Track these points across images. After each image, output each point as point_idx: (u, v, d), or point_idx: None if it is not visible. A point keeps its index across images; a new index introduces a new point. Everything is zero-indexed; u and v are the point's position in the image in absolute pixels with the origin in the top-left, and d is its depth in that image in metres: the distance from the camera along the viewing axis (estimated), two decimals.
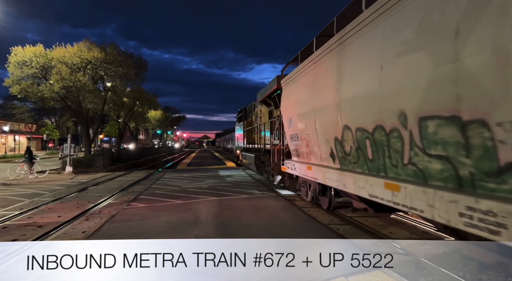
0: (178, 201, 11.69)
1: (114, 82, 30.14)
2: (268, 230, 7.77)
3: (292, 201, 11.72)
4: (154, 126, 62.92)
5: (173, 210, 10.20)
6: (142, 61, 35.14)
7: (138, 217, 9.19)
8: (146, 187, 15.73)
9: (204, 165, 32.81)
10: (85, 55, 26.05)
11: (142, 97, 39.65)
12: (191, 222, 8.61)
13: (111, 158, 29.28)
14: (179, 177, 19.72)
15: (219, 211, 9.91)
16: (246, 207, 10.67)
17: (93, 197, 12.97)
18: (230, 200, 11.81)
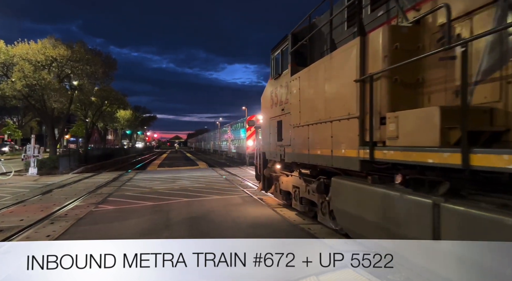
0: (148, 203, 11.48)
1: (82, 80, 29.37)
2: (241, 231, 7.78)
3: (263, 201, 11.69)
4: (123, 126, 61.88)
5: (143, 212, 10.05)
6: (111, 59, 34.67)
7: (107, 220, 9.02)
8: (115, 188, 15.41)
9: (175, 166, 32.92)
10: (50, 53, 25.15)
11: (111, 97, 39.04)
12: (162, 224, 8.52)
13: (78, 159, 28.78)
14: (150, 179, 19.44)
15: (191, 213, 9.82)
16: (219, 207, 10.57)
17: (59, 200, 12.49)
18: (202, 201, 11.70)
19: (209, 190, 14.43)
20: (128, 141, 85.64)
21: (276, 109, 9.80)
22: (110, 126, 55.93)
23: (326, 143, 6.55)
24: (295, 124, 8.15)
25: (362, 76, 5.34)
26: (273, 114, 10.05)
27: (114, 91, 39.64)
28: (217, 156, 52.54)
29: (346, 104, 5.80)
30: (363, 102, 5.37)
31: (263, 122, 11.78)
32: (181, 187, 15.29)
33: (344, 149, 5.88)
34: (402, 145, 4.39)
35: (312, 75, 7.22)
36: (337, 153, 6.15)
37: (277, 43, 9.77)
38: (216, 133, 60.66)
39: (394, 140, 4.57)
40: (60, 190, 15.47)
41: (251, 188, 14.88)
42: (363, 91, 5.35)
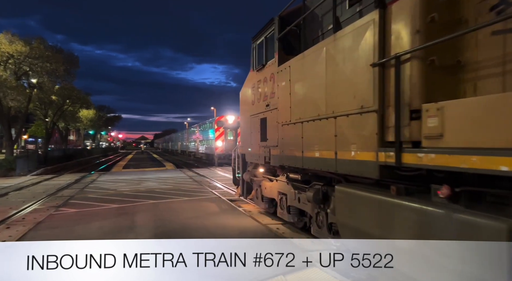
0: (112, 205, 11.15)
1: (41, 78, 28.52)
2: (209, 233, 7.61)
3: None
4: (86, 126, 59.60)
5: (107, 215, 9.78)
6: (73, 56, 34.00)
7: (68, 224, 8.77)
8: (78, 191, 14.89)
9: (141, 167, 32.67)
10: (6, 48, 24.03)
11: (72, 95, 37.77)
12: (126, 227, 8.27)
13: (37, 161, 28.11)
14: (115, 180, 19.03)
15: (157, 215, 9.62)
16: (187, 209, 10.43)
17: (16, 203, 11.84)
18: (169, 203, 11.51)
19: (177, 191, 14.14)
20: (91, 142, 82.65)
21: (259, 105, 8.57)
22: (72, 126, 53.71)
23: (328, 144, 5.41)
24: (284, 121, 6.98)
25: (382, 58, 4.24)
26: (255, 111, 8.80)
27: (76, 90, 38.51)
28: (185, 157, 51.58)
29: (358, 95, 4.68)
30: (383, 92, 4.27)
31: (243, 120, 10.51)
32: (147, 189, 14.94)
33: (355, 151, 4.75)
34: (452, 146, 3.29)
35: (308, 63, 6.06)
36: (344, 156, 5.02)
37: (260, 29, 8.52)
38: (184, 133, 59.71)
39: (436, 140, 3.47)
40: (17, 193, 14.75)
41: (220, 189, 14.72)
42: (383, 78, 4.26)
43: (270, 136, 7.80)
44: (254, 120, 8.87)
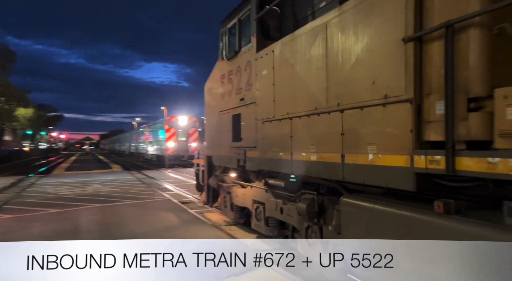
0: (53, 210, 10.71)
1: None
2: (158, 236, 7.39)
3: None
4: (24, 126, 55.55)
5: (47, 220, 9.43)
6: (8, 50, 31.24)
7: (2, 230, 8.44)
8: (14, 195, 14.24)
9: (86, 169, 31.07)
10: None
11: (8, 93, 35.71)
12: (69, 232, 8.09)
13: None
14: (56, 183, 18.24)
15: (103, 219, 9.34)
16: (135, 213, 10.26)
17: None
18: (116, 207, 11.18)
19: (124, 194, 13.83)
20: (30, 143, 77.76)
21: (230, 99, 7.35)
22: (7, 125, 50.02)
23: (330, 145, 4.35)
24: (266, 118, 5.85)
25: (420, 29, 3.21)
26: (226, 106, 7.58)
27: (12, 87, 36.50)
28: (134, 159, 49.41)
29: (379, 80, 3.64)
30: (419, 76, 3.24)
31: (209, 118, 9.23)
32: (92, 192, 14.49)
33: (375, 153, 3.69)
34: None
35: (301, 45, 4.95)
36: (356, 160, 3.97)
37: (231, 10, 7.31)
38: (133, 134, 57.60)
39: None
40: None
41: (171, 191, 14.54)
42: (420, 57, 3.24)
43: (246, 135, 6.62)
44: (224, 117, 7.63)
